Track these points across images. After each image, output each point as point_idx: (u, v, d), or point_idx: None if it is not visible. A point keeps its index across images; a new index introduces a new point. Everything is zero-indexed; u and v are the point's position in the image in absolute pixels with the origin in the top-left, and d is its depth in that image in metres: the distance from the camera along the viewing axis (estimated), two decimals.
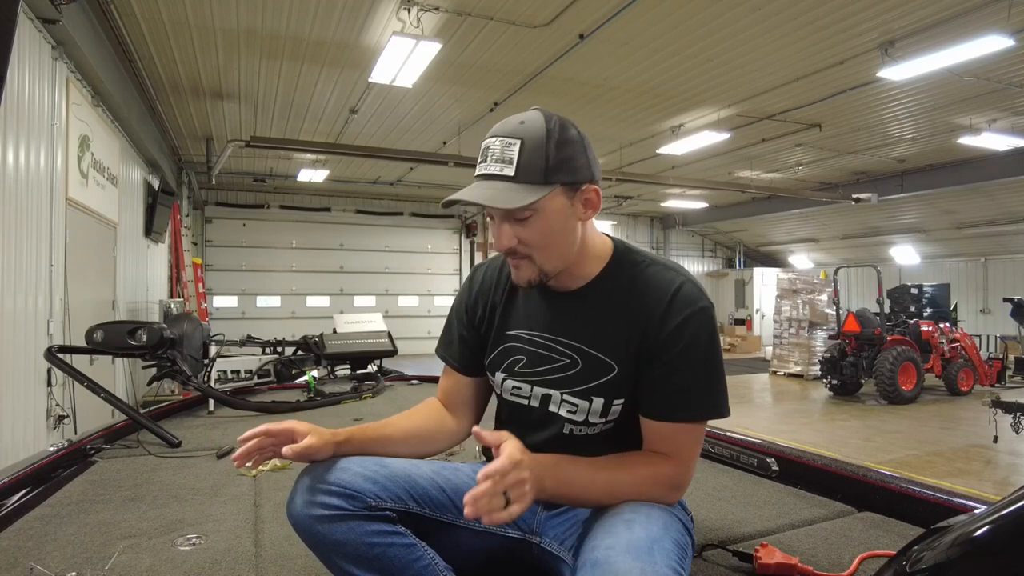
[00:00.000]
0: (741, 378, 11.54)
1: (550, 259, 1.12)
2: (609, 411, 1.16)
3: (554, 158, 1.06)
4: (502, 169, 1.06)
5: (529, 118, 1.09)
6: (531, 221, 1.08)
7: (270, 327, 11.44)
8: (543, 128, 1.07)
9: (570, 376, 1.18)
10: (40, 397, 4.08)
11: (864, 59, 6.32)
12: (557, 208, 1.09)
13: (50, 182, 4.33)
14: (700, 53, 6.29)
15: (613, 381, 1.14)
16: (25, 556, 1.39)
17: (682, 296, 1.11)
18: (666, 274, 1.14)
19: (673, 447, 1.11)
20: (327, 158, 10.72)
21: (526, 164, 1.05)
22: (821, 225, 15.82)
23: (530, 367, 1.22)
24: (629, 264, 1.18)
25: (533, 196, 1.05)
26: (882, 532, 1.47)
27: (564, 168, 1.07)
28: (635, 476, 1.09)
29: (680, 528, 1.05)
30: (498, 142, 1.08)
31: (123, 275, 6.71)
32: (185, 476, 2.04)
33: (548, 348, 1.20)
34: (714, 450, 2.19)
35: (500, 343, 1.27)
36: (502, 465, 0.96)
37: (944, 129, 8.79)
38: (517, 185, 1.05)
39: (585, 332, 1.17)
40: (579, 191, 1.11)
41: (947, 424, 7.48)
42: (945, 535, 0.84)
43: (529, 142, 1.06)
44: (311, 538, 1.05)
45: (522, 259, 1.13)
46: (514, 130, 1.08)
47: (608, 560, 0.88)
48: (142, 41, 5.97)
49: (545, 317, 1.21)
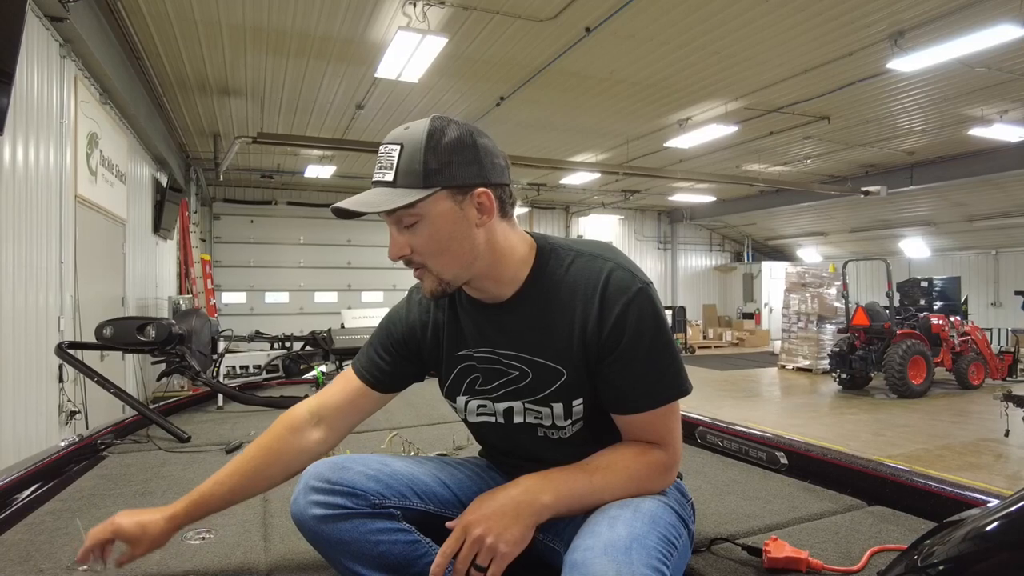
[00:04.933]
0: (749, 372, 11.51)
1: (446, 267, 1.09)
2: (571, 412, 1.14)
3: (434, 161, 1.03)
4: (384, 175, 1.05)
5: (414, 125, 1.07)
6: (418, 228, 1.06)
7: (278, 323, 11.48)
8: (423, 133, 1.04)
9: (524, 387, 1.15)
10: (52, 393, 4.11)
11: (873, 50, 6.26)
12: (442, 212, 1.05)
13: (59, 179, 4.36)
14: (707, 46, 6.24)
15: (565, 385, 1.12)
16: (36, 550, 1.40)
17: (613, 286, 1.07)
18: (593, 264, 1.10)
19: (655, 434, 1.11)
20: (334, 154, 10.73)
21: (404, 169, 1.03)
22: (830, 218, 15.72)
23: (486, 384, 1.19)
24: (555, 262, 1.14)
25: (408, 199, 1.02)
26: (893, 526, 1.46)
27: (445, 172, 1.04)
28: (631, 470, 1.08)
29: (671, 521, 1.04)
30: (383, 149, 1.07)
31: (132, 272, 6.75)
32: (194, 471, 2.06)
33: (496, 363, 1.17)
34: (723, 444, 2.19)
35: (453, 366, 1.23)
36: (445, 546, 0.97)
37: (955, 120, 8.69)
38: (396, 190, 1.03)
39: (526, 341, 1.13)
40: (468, 195, 1.06)
41: (957, 418, 7.44)
42: (957, 529, 0.83)
43: (408, 147, 1.04)
44: (315, 537, 1.05)
45: (419, 268, 1.11)
46: (398, 136, 1.06)
47: (585, 562, 0.87)
48: (149, 38, 5.99)
49: (487, 332, 1.17)
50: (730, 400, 8.66)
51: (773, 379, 10.92)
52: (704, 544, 1.34)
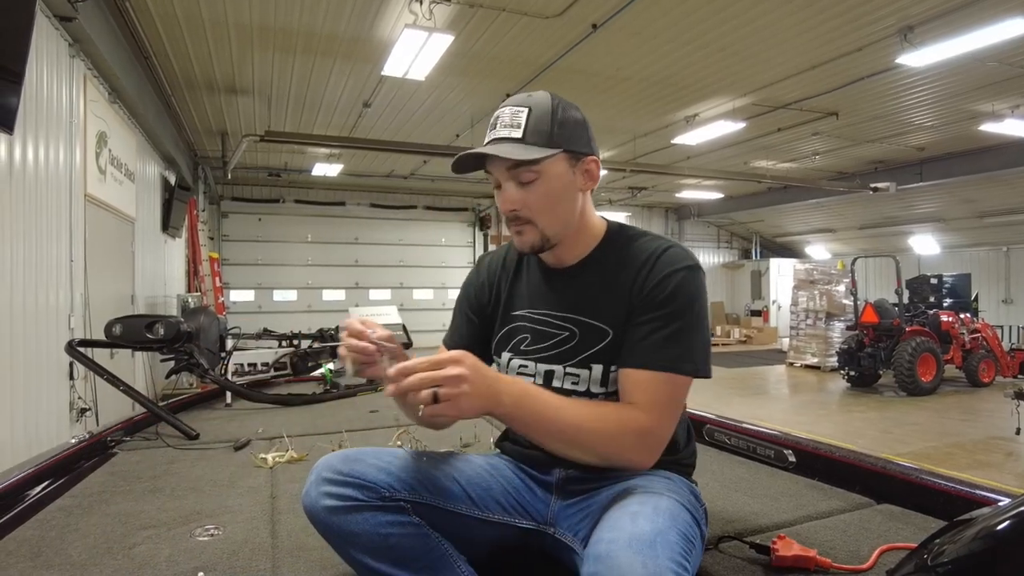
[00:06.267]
0: (757, 370, 11.46)
1: (551, 223, 1.19)
2: (608, 379, 1.19)
3: (558, 126, 1.16)
4: (511, 133, 1.15)
5: (535, 94, 1.19)
6: (535, 185, 1.16)
7: (287, 320, 11.53)
8: (549, 101, 1.17)
9: (569, 349, 1.23)
10: (63, 390, 4.15)
11: (882, 45, 6.21)
12: (559, 173, 1.17)
13: (69, 178, 4.38)
14: (714, 42, 6.21)
15: (609, 346, 1.19)
16: (47, 546, 1.41)
17: (667, 256, 1.18)
18: (656, 241, 1.22)
19: (645, 397, 1.12)
20: (341, 152, 10.75)
21: (533, 128, 1.14)
22: (838, 215, 15.62)
23: (533, 344, 1.27)
24: (622, 238, 1.25)
25: (538, 154, 1.13)
26: (902, 524, 1.45)
27: (567, 136, 1.16)
28: (603, 419, 1.10)
29: (688, 520, 1.03)
30: (508, 110, 1.17)
31: (141, 270, 6.79)
32: (203, 468, 2.07)
33: (549, 324, 1.26)
34: (730, 441, 2.18)
35: (506, 324, 1.33)
36: (434, 358, 0.97)
37: (965, 116, 8.62)
38: (525, 145, 1.14)
39: (581, 304, 1.23)
40: (580, 161, 1.19)
41: (967, 416, 7.39)
42: (968, 528, 0.83)
43: (536, 110, 1.16)
44: (325, 529, 1.06)
45: (525, 224, 1.19)
46: (522, 101, 1.18)
47: (610, 554, 0.87)
48: (157, 37, 6.01)
49: (545, 294, 1.28)
50: (737, 397, 8.63)
51: (781, 376, 10.87)
52: (712, 542, 1.33)
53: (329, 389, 3.49)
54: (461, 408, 0.97)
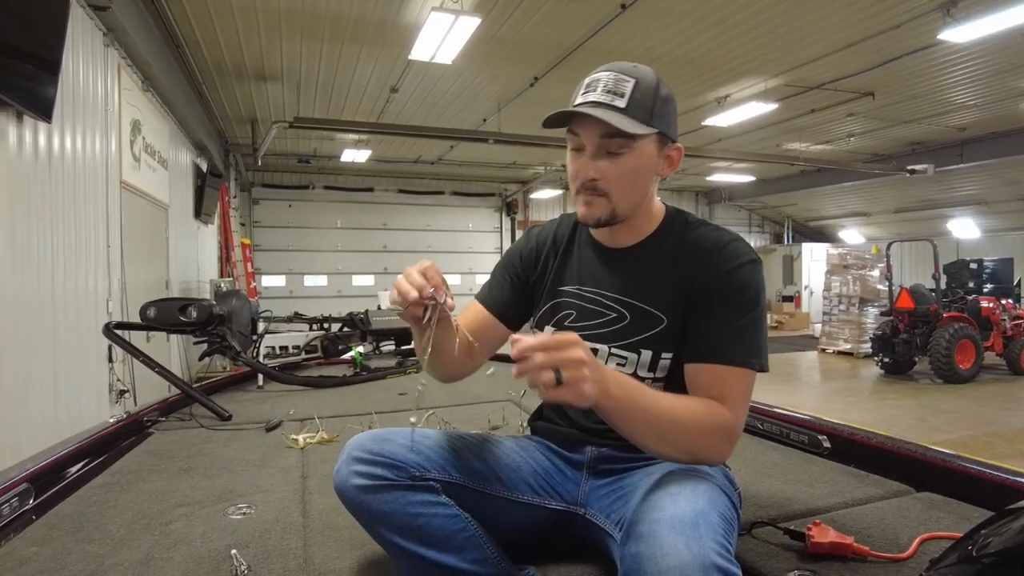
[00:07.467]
0: (788, 356, 11.28)
1: (625, 200, 1.16)
2: (657, 365, 1.17)
3: (660, 106, 1.12)
4: (613, 100, 1.10)
5: (640, 67, 1.14)
6: (623, 158, 1.12)
7: (317, 305, 11.67)
8: (655, 78, 1.14)
9: (618, 330, 1.21)
10: (102, 372, 4.26)
11: (923, 21, 5.98)
12: (648, 153, 1.14)
13: (105, 166, 4.47)
14: (746, 20, 6.05)
15: (662, 333, 1.17)
16: (88, 521, 1.45)
17: (732, 249, 1.15)
18: (717, 232, 1.19)
19: (722, 391, 1.07)
20: (369, 138, 10.79)
21: (637, 102, 1.10)
22: (873, 198, 15.22)
23: (579, 322, 1.24)
24: (682, 225, 1.22)
25: (639, 129, 1.09)
26: (943, 513, 1.41)
27: (664, 119, 1.14)
28: (695, 414, 1.03)
29: (727, 503, 1.01)
30: (611, 76, 1.12)
31: (175, 255, 6.92)
32: (235, 448, 2.11)
33: (598, 303, 1.23)
34: (763, 427, 2.14)
35: (551, 298, 1.30)
36: (555, 338, 0.88)
37: (1010, 94, 8.29)
38: (626, 117, 1.09)
39: (635, 287, 1.20)
40: (667, 146, 1.18)
41: (1008, 404, 7.18)
42: (1017, 518, 0.79)
43: (643, 84, 1.11)
44: (356, 508, 1.07)
45: (598, 196, 1.15)
46: (627, 70, 1.13)
47: (652, 534, 0.85)
48: (187, 25, 6.07)
49: (597, 273, 1.25)
50: (768, 384, 8.51)
51: (813, 363, 10.69)
52: (745, 528, 1.31)
53: (359, 372, 3.53)
54: (583, 393, 0.88)
